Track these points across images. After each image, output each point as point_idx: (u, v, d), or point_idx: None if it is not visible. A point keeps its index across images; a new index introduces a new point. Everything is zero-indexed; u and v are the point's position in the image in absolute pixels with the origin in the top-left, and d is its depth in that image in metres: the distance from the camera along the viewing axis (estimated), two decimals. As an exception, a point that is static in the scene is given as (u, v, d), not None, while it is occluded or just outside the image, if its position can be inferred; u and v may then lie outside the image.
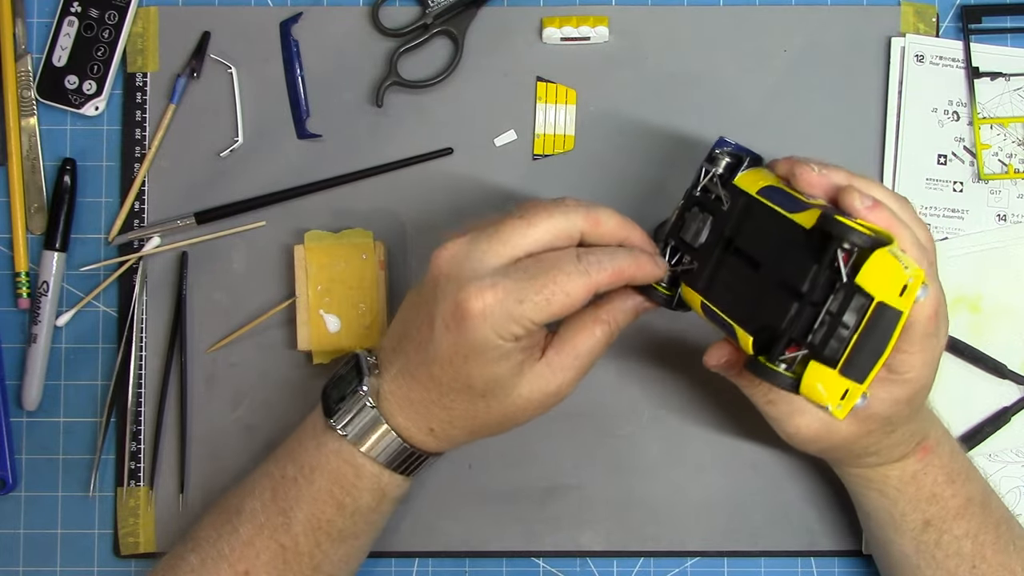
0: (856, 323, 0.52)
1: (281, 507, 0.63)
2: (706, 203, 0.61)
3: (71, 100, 0.76)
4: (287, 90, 0.77)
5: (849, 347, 0.53)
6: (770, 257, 0.57)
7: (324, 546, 0.63)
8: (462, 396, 0.60)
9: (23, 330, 0.76)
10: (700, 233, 0.61)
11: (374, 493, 0.63)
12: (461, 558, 0.76)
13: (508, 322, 0.56)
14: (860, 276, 0.52)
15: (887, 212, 0.56)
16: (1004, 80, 0.76)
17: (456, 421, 0.61)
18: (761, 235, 0.58)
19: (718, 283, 0.60)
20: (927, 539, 0.65)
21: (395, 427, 0.62)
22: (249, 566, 0.62)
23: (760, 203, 0.58)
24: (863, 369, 0.53)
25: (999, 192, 0.76)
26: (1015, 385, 0.75)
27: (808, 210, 0.56)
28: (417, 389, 0.60)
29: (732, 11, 0.77)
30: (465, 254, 0.57)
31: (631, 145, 0.76)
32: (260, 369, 0.76)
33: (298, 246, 0.74)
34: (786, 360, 0.55)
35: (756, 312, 0.56)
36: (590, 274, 0.56)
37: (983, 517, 0.66)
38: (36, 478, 0.76)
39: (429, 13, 0.76)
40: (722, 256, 0.60)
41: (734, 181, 0.60)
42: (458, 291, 0.56)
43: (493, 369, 0.58)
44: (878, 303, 0.52)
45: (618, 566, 0.76)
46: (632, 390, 0.76)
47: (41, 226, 0.76)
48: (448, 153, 0.76)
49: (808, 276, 0.54)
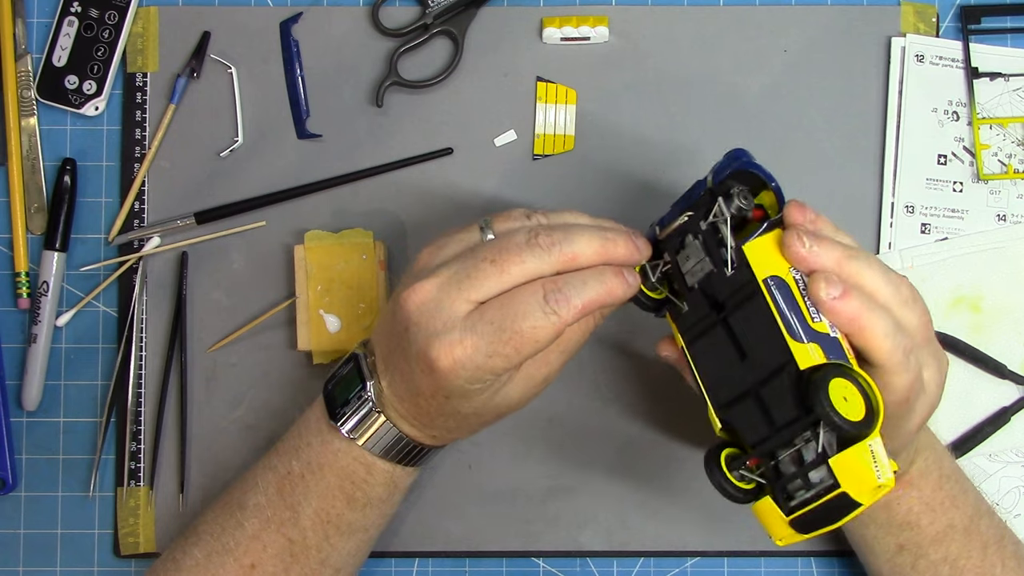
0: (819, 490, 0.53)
1: (288, 502, 0.63)
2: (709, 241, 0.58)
3: (71, 100, 0.76)
4: (287, 90, 0.77)
5: (804, 510, 0.54)
6: (758, 363, 0.56)
7: (333, 539, 0.63)
8: (452, 415, 0.60)
9: (23, 330, 0.76)
10: (696, 273, 0.59)
11: (386, 486, 0.64)
12: (461, 558, 0.76)
13: (479, 372, 0.56)
14: (835, 461, 0.53)
15: (855, 303, 0.54)
16: (1004, 80, 0.76)
17: (454, 429, 0.62)
18: (755, 333, 0.56)
19: (703, 343, 0.59)
20: (901, 562, 0.65)
21: (402, 431, 0.62)
22: (256, 560, 0.62)
23: (764, 300, 0.56)
24: (808, 528, 0.55)
25: (999, 192, 0.76)
26: (1015, 385, 0.75)
27: (807, 343, 0.54)
28: (411, 407, 0.61)
29: (732, 11, 0.77)
30: (435, 303, 0.56)
31: (631, 145, 0.76)
32: (260, 369, 0.76)
33: (298, 246, 0.74)
34: (745, 470, 0.57)
35: (730, 407, 0.57)
36: (559, 314, 0.55)
37: (965, 542, 0.65)
38: (36, 478, 0.76)
39: (429, 13, 0.76)
40: (712, 316, 0.58)
41: (745, 246, 0.57)
42: (427, 345, 0.56)
43: (475, 400, 0.58)
44: (842, 492, 0.53)
45: (618, 566, 0.76)
46: (632, 390, 0.76)
47: (41, 226, 0.76)
48: (448, 153, 0.76)
49: (787, 419, 0.54)
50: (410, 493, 0.74)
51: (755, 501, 0.56)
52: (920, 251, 0.75)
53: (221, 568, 0.63)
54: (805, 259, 0.55)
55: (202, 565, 0.63)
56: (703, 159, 0.76)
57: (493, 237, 0.59)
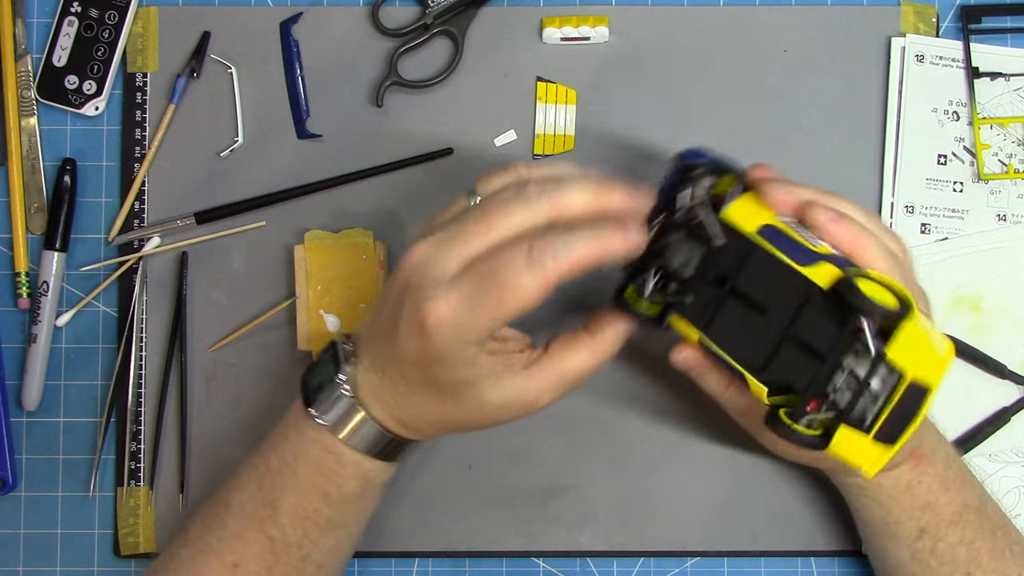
0: (887, 393, 0.52)
1: (268, 498, 0.63)
2: (691, 229, 0.59)
3: (71, 100, 0.76)
4: (287, 90, 0.77)
5: (883, 417, 0.52)
6: (780, 307, 0.55)
7: (312, 535, 0.63)
8: (430, 395, 0.59)
9: (23, 330, 0.76)
10: (689, 264, 0.59)
11: (358, 480, 0.63)
12: (461, 558, 0.76)
13: (465, 332, 0.55)
14: (892, 350, 0.52)
15: (852, 224, 0.57)
16: (1004, 80, 0.76)
17: (427, 417, 0.61)
18: (767, 282, 0.56)
19: (718, 322, 0.58)
20: (922, 547, 0.65)
21: (372, 416, 0.61)
22: (238, 558, 0.62)
23: (763, 250, 0.56)
24: (894, 436, 0.53)
25: (999, 192, 0.76)
26: (1015, 385, 0.75)
27: (818, 263, 0.55)
28: (388, 384, 0.60)
29: (732, 11, 0.77)
30: (428, 262, 0.56)
31: (631, 145, 0.76)
32: (260, 369, 0.76)
33: (298, 246, 0.74)
34: (808, 418, 0.54)
35: (769, 363, 0.56)
36: (545, 266, 0.53)
37: (979, 524, 0.65)
38: (36, 478, 0.76)
39: (429, 13, 0.76)
40: (719, 293, 0.58)
41: (724, 215, 0.58)
42: (418, 302, 0.55)
43: (458, 374, 0.57)
44: (912, 380, 0.51)
45: (618, 566, 0.76)
46: (632, 390, 0.76)
47: (41, 226, 0.76)
48: (448, 153, 0.76)
49: (830, 339, 0.53)
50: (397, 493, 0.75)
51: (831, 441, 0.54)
52: (920, 251, 0.75)
53: (205, 567, 0.62)
54: (787, 198, 0.58)
55: (188, 565, 0.63)
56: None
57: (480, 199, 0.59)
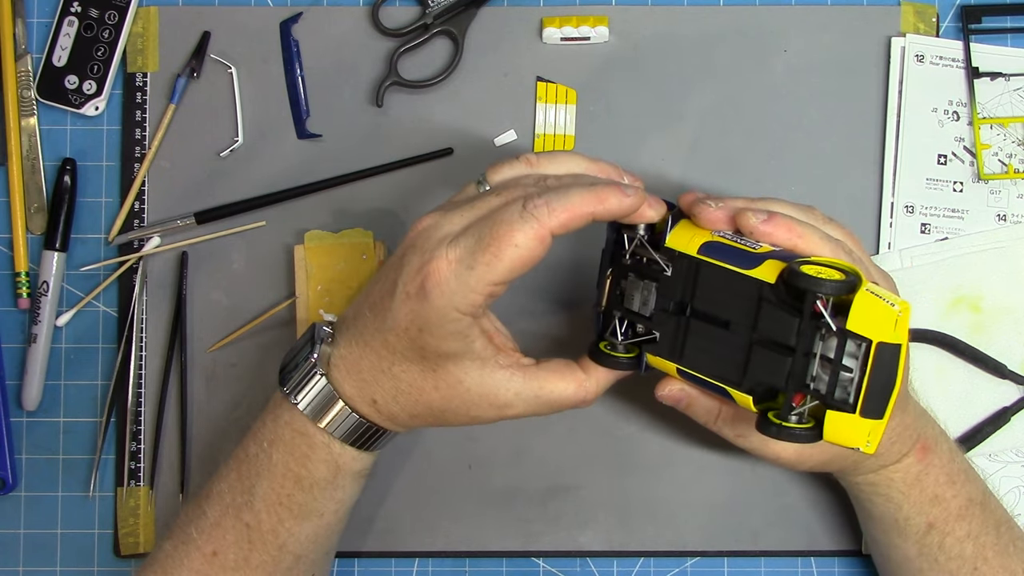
0: (861, 366, 0.53)
1: (245, 485, 0.63)
2: (641, 269, 0.61)
3: (71, 100, 0.76)
4: (287, 90, 0.77)
5: (863, 391, 0.53)
6: (739, 315, 0.57)
7: (287, 523, 0.63)
8: (412, 367, 0.59)
9: (23, 330, 0.76)
10: (647, 301, 0.60)
11: (328, 465, 0.63)
12: (461, 558, 0.76)
13: (463, 290, 0.55)
14: (851, 322, 0.52)
15: (783, 220, 0.58)
16: (1004, 80, 0.76)
17: (400, 396, 0.61)
18: (720, 295, 0.57)
19: (689, 347, 0.59)
20: (930, 542, 0.65)
21: (342, 396, 0.61)
22: (216, 547, 0.62)
23: (708, 264, 0.58)
24: (880, 406, 0.53)
25: (999, 192, 0.76)
26: (1015, 385, 0.75)
27: (763, 263, 0.56)
28: (368, 356, 0.60)
29: (732, 11, 0.77)
30: (435, 224, 0.58)
31: (631, 145, 0.76)
32: (260, 369, 0.76)
33: (298, 246, 0.74)
34: (796, 413, 0.55)
35: (746, 372, 0.57)
36: (539, 219, 0.54)
37: (983, 518, 0.66)
38: (36, 478, 0.76)
39: (429, 13, 0.76)
40: (681, 320, 0.59)
41: (667, 244, 0.60)
42: (421, 261, 0.56)
43: (447, 345, 0.57)
44: (878, 344, 0.52)
45: (618, 566, 0.76)
46: (632, 390, 0.75)
47: (41, 226, 0.76)
48: (448, 153, 0.76)
49: (793, 330, 0.54)
50: (397, 493, 0.75)
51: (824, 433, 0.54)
52: (920, 251, 0.75)
53: (186, 558, 0.63)
54: (717, 212, 0.59)
55: (171, 556, 0.63)
56: (703, 159, 0.76)
57: (489, 188, 0.60)
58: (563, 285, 0.76)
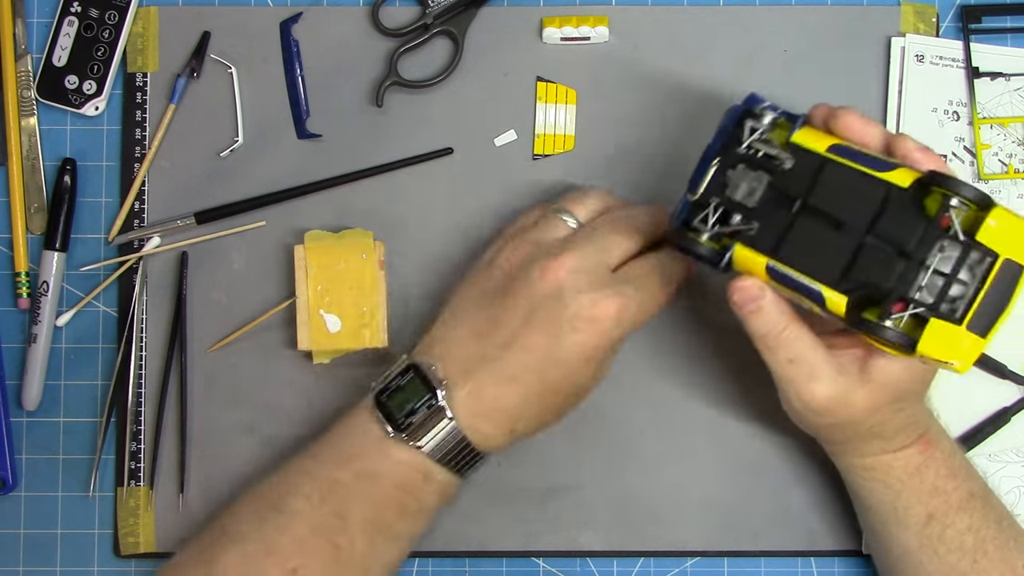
0: (979, 280, 0.52)
1: (335, 510, 0.62)
2: (755, 160, 0.60)
3: (71, 100, 0.76)
4: (287, 90, 0.77)
5: (976, 303, 0.52)
6: (857, 216, 0.56)
7: (380, 547, 0.63)
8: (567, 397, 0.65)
9: (23, 330, 0.76)
10: (754, 192, 0.59)
11: (440, 495, 0.65)
12: (461, 558, 0.76)
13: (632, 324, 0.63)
14: (982, 233, 0.52)
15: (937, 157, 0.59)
16: (1004, 80, 0.76)
17: (544, 415, 0.65)
18: (843, 195, 0.56)
19: (790, 243, 0.58)
20: (930, 533, 0.65)
21: (477, 433, 0.63)
22: (298, 564, 0.61)
23: (836, 163, 0.57)
24: (988, 324, 0.53)
25: (999, 192, 0.76)
26: (1015, 385, 0.75)
27: (896, 169, 0.56)
28: (515, 392, 0.63)
29: (732, 11, 0.77)
30: (589, 268, 0.63)
31: (631, 145, 0.76)
32: (260, 369, 0.76)
33: (298, 246, 0.74)
34: (894, 318, 0.54)
35: (849, 272, 0.56)
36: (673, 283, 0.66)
37: (984, 512, 0.66)
38: (36, 478, 0.76)
39: (429, 13, 0.76)
40: (789, 215, 0.58)
41: (793, 139, 0.59)
42: (592, 302, 0.61)
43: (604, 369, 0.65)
44: (1004, 259, 0.52)
45: (618, 566, 0.76)
46: (632, 390, 0.75)
47: (41, 226, 0.76)
48: (448, 153, 0.76)
49: (916, 235, 0.53)
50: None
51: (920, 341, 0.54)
52: (920, 251, 0.75)
53: (263, 570, 0.61)
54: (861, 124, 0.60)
55: (242, 564, 0.61)
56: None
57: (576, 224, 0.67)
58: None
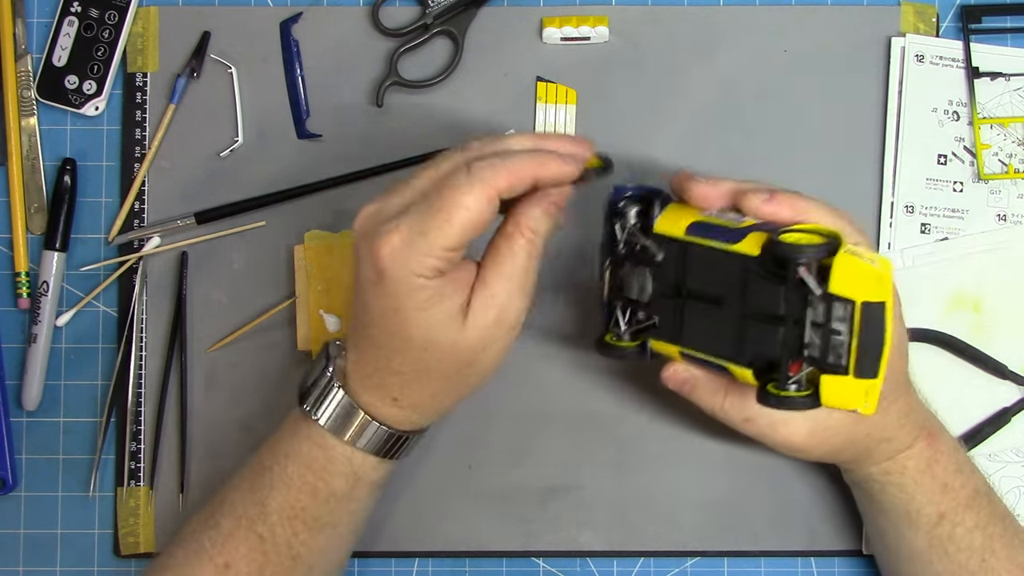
0: (848, 328, 0.53)
1: (258, 497, 0.63)
2: (635, 256, 0.62)
3: (71, 100, 0.76)
4: (287, 90, 0.77)
5: (853, 352, 0.53)
6: (730, 291, 0.57)
7: (301, 535, 0.63)
8: (405, 354, 0.59)
9: (23, 330, 0.76)
10: (644, 288, 0.62)
11: (346, 477, 0.63)
12: (461, 558, 0.76)
13: (420, 256, 0.55)
14: (833, 285, 0.53)
15: (786, 197, 0.59)
16: (1004, 80, 0.76)
17: (413, 384, 0.60)
18: (710, 273, 0.58)
19: (687, 329, 0.60)
20: (941, 532, 0.65)
21: (363, 406, 0.61)
22: (229, 559, 0.62)
23: (696, 245, 0.59)
24: (873, 365, 0.53)
25: (999, 192, 0.76)
26: (1015, 385, 0.75)
27: (746, 236, 0.56)
28: (367, 360, 0.60)
29: (732, 11, 0.77)
30: (375, 211, 0.58)
31: (631, 145, 0.76)
32: (260, 369, 0.76)
33: (298, 246, 0.74)
34: (794, 381, 0.55)
35: (742, 346, 0.57)
36: (485, 180, 0.55)
37: (990, 509, 0.66)
38: (36, 478, 0.76)
39: (429, 13, 0.76)
40: (678, 303, 0.60)
41: (654, 230, 0.61)
42: (371, 245, 0.56)
43: (427, 315, 0.57)
44: (862, 303, 0.52)
45: (618, 566, 0.76)
46: (632, 390, 0.76)
47: (41, 226, 0.76)
48: (448, 153, 0.76)
49: (780, 299, 0.55)
50: (396, 493, 0.75)
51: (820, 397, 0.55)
52: (920, 251, 0.75)
53: (198, 568, 0.62)
54: (709, 190, 0.60)
55: (182, 565, 0.63)
56: (703, 159, 0.76)
57: None
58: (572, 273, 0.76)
